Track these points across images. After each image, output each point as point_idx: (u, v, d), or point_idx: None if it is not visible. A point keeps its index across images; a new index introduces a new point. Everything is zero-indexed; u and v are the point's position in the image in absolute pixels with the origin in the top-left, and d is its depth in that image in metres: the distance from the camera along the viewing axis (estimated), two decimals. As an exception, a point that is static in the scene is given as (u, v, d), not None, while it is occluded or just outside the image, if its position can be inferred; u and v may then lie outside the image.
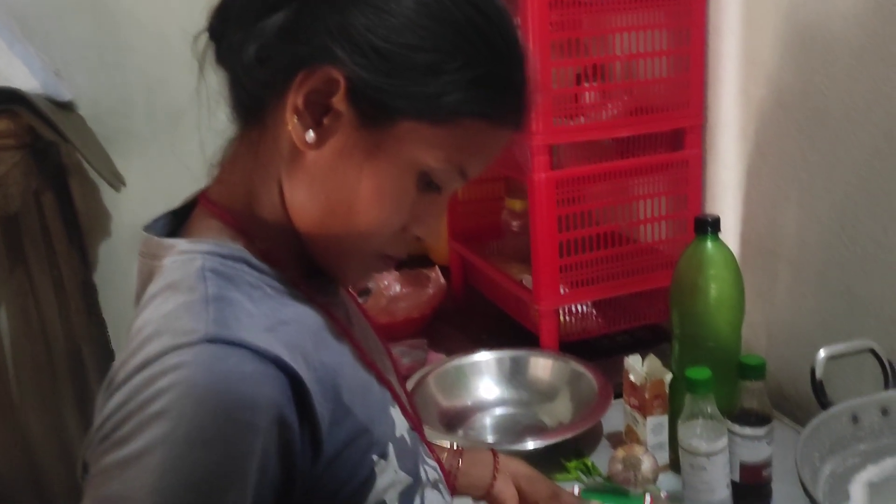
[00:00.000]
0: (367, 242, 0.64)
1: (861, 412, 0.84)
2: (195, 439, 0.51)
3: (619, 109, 1.36)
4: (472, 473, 0.87)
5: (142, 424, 0.51)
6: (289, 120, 0.60)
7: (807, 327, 1.24)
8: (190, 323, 0.55)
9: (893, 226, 1.06)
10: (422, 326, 1.59)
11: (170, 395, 0.51)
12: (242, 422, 0.52)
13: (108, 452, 0.52)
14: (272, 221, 0.65)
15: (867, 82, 1.06)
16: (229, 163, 0.66)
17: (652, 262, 1.42)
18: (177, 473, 0.50)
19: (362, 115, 0.59)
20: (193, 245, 0.62)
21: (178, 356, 0.53)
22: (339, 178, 0.61)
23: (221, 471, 0.52)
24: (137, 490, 0.50)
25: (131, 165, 1.76)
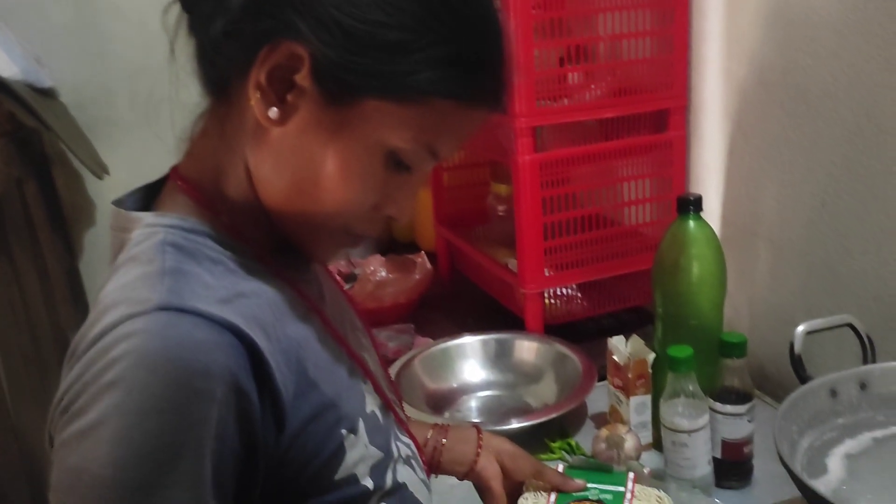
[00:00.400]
0: (335, 220, 0.63)
1: (839, 386, 0.85)
2: (148, 408, 0.51)
3: (603, 90, 1.35)
4: (456, 450, 0.87)
5: (96, 395, 0.51)
6: (251, 96, 0.59)
7: (788, 306, 1.24)
8: (145, 293, 0.55)
9: (873, 202, 1.06)
10: (409, 312, 1.59)
11: (122, 365, 0.51)
12: (196, 389, 0.52)
13: (67, 425, 0.52)
14: (239, 197, 0.64)
15: (848, 59, 1.06)
16: (199, 137, 0.66)
17: (636, 245, 1.43)
18: (129, 444, 0.50)
19: (327, 93, 0.58)
20: (158, 219, 0.62)
21: (130, 325, 0.53)
22: (305, 155, 0.60)
23: (176, 439, 0.51)
24: (92, 462, 0.50)
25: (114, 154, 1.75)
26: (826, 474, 0.78)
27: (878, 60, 1.02)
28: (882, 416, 0.85)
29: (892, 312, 1.06)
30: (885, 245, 1.06)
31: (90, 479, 0.50)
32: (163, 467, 0.51)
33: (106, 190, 1.78)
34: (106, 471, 0.50)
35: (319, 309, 0.69)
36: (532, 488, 0.88)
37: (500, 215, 1.62)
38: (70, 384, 0.53)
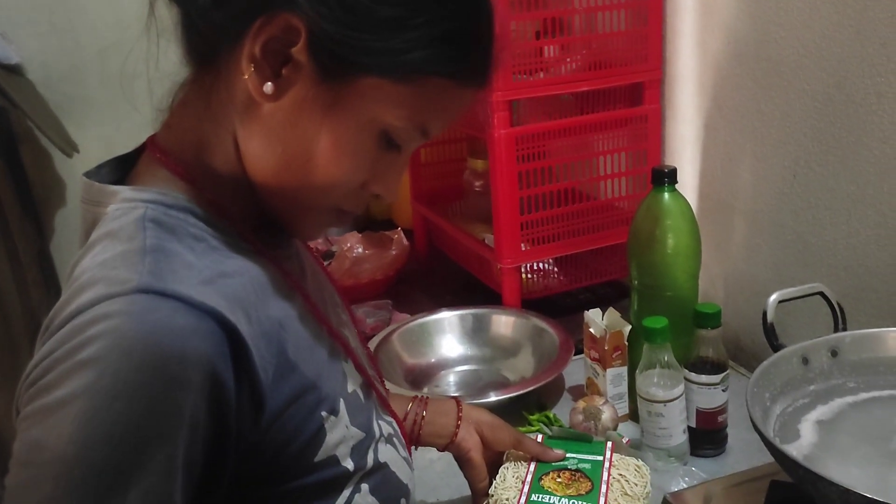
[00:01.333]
0: (323, 197, 0.63)
1: (811, 354, 0.86)
2: (119, 392, 0.50)
3: (579, 64, 1.35)
4: (436, 422, 0.87)
5: (68, 372, 0.50)
6: (245, 69, 0.57)
7: (762, 277, 1.26)
8: (125, 273, 0.54)
9: (844, 172, 1.07)
10: (386, 288, 1.59)
11: (97, 345, 0.50)
12: (171, 376, 0.51)
13: (34, 398, 0.51)
14: (223, 171, 0.63)
15: (819, 30, 1.07)
16: (179, 108, 0.64)
17: (612, 219, 1.43)
18: (95, 425, 0.49)
19: (323, 69, 0.57)
20: (137, 193, 0.60)
21: (109, 305, 0.52)
22: (298, 131, 0.59)
23: (144, 425, 0.50)
24: (55, 438, 0.49)
25: (84, 131, 1.72)
26: (798, 440, 0.79)
27: (849, 31, 1.02)
28: (853, 383, 0.86)
29: (862, 281, 1.07)
30: (854, 215, 1.07)
31: (50, 454, 0.49)
32: (129, 452, 0.50)
33: (76, 169, 1.75)
34: (68, 448, 0.49)
35: (301, 286, 0.68)
36: (512, 458, 0.89)
37: (476, 191, 1.61)
38: (41, 358, 0.52)
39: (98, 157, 0.69)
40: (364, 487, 0.67)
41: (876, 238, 1.05)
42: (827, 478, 0.64)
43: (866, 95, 1.02)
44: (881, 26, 0.98)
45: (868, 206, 1.05)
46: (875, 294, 1.06)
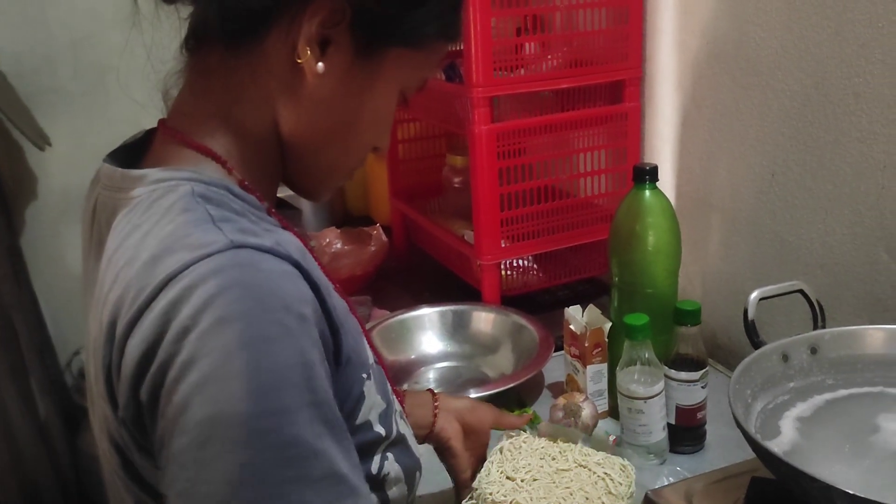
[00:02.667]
0: (351, 159, 0.69)
1: (791, 351, 0.87)
2: (269, 335, 0.50)
3: (559, 61, 1.35)
4: (414, 414, 0.88)
5: (204, 337, 0.50)
6: (301, 53, 0.60)
7: (740, 275, 1.27)
8: (205, 236, 0.54)
9: (821, 172, 1.09)
10: (365, 284, 1.58)
11: (224, 299, 0.50)
12: (298, 313, 0.53)
13: (177, 383, 0.50)
14: (253, 152, 0.65)
15: (799, 31, 1.08)
16: (199, 94, 0.65)
17: (592, 216, 1.44)
18: (262, 373, 0.49)
19: (358, 45, 0.62)
20: (170, 173, 0.61)
21: (208, 264, 0.52)
22: (342, 104, 0.64)
23: (301, 360, 0.51)
24: (226, 402, 0.48)
25: (57, 125, 1.69)
26: (779, 436, 0.80)
27: (827, 32, 1.04)
28: (832, 380, 0.87)
29: (838, 280, 1.09)
30: (831, 214, 1.09)
31: (227, 420, 0.48)
32: (300, 387, 0.51)
33: (49, 162, 1.72)
34: (242, 406, 0.48)
35: (320, 262, 0.69)
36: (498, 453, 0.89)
37: (455, 187, 1.61)
38: (153, 342, 0.51)
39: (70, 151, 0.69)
40: (390, 455, 0.68)
41: (852, 237, 1.06)
42: (809, 474, 0.65)
43: (844, 96, 1.03)
44: (859, 27, 0.99)
45: (844, 205, 1.06)
46: (850, 292, 1.07)
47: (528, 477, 0.84)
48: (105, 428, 0.60)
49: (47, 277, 1.74)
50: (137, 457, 0.58)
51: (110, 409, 0.57)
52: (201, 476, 0.49)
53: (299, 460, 0.50)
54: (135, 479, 0.60)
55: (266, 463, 0.49)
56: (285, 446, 0.49)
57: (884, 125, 0.99)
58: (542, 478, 0.84)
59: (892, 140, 0.98)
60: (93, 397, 0.63)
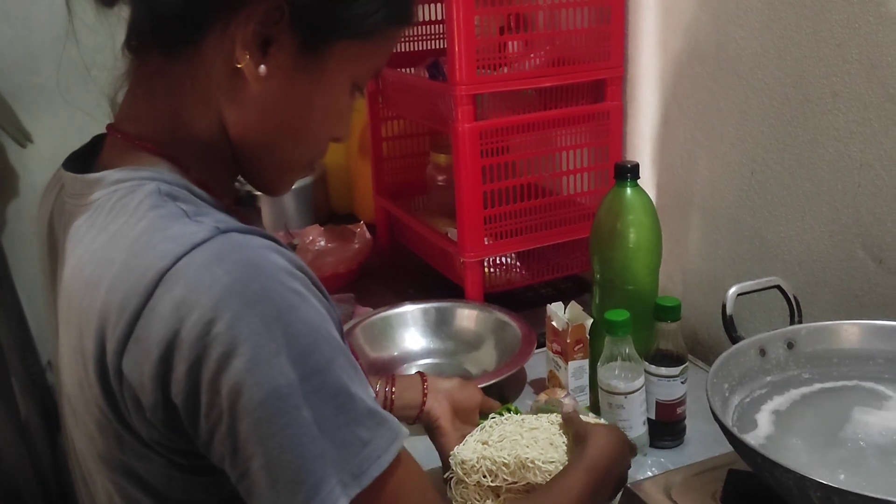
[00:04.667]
0: (305, 154, 0.68)
1: (768, 345, 0.88)
2: (293, 303, 0.54)
3: (542, 60, 1.36)
4: (404, 397, 0.91)
5: (234, 326, 0.52)
6: (239, 56, 0.59)
7: (719, 272, 1.28)
8: (185, 229, 0.55)
9: (799, 170, 1.10)
10: (348, 282, 1.59)
11: (238, 285, 0.53)
12: (301, 277, 0.56)
13: (220, 374, 0.52)
14: (206, 152, 0.64)
15: (779, 30, 1.09)
16: (144, 98, 0.64)
17: (574, 214, 1.45)
18: (300, 340, 0.54)
19: (302, 41, 0.61)
20: (130, 173, 0.60)
21: (204, 252, 0.54)
22: (289, 102, 0.63)
23: (319, 318, 0.56)
24: (277, 378, 0.52)
25: (39, 122, 1.68)
26: (756, 429, 0.81)
27: (806, 32, 1.05)
28: (807, 374, 0.88)
29: (815, 276, 1.10)
30: (809, 212, 1.10)
31: (282, 392, 0.52)
32: (325, 344, 0.55)
33: (31, 159, 1.71)
34: (292, 375, 0.53)
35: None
36: None
37: (439, 185, 1.62)
38: (169, 340, 0.53)
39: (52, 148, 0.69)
40: None
41: (829, 234, 1.08)
42: (784, 465, 0.66)
43: (822, 95, 1.05)
44: (837, 27, 1.01)
45: (822, 202, 1.08)
46: (827, 288, 1.09)
47: (500, 440, 0.86)
48: (99, 435, 0.60)
49: (29, 276, 1.73)
50: (139, 456, 0.59)
51: (111, 415, 0.57)
52: (276, 446, 0.53)
53: (346, 405, 0.55)
54: (131, 480, 0.61)
55: (324, 416, 0.54)
56: (333, 396, 0.55)
57: (860, 124, 1.01)
58: (513, 437, 0.86)
59: (869, 139, 1.00)
60: (73, 406, 0.63)
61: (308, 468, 0.53)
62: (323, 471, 0.54)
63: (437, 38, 1.69)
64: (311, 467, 0.54)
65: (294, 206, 1.83)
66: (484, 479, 0.82)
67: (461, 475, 0.84)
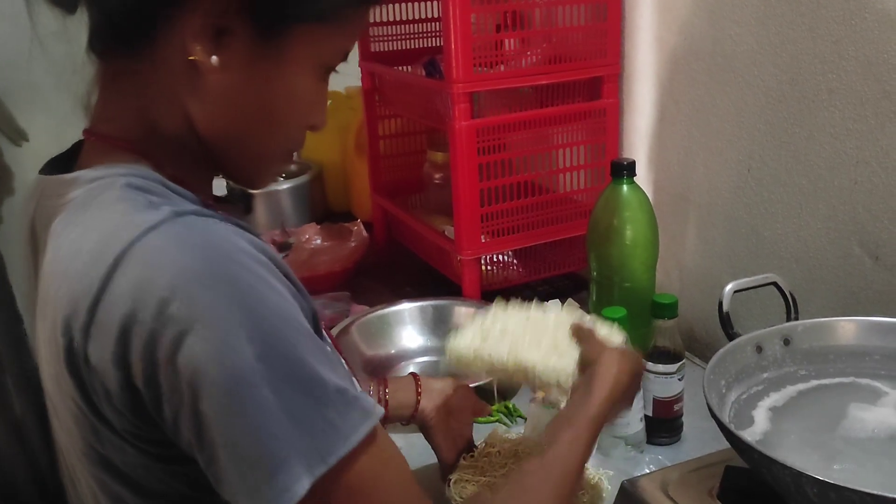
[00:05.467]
0: (278, 143, 0.67)
1: (765, 342, 0.88)
2: (248, 285, 0.53)
3: (539, 57, 1.36)
4: (398, 398, 0.91)
5: (190, 306, 0.51)
6: (191, 48, 0.58)
7: (716, 269, 1.28)
8: (145, 215, 0.55)
9: (796, 167, 1.10)
10: (344, 280, 1.58)
11: (194, 264, 0.52)
12: (262, 260, 0.55)
13: (175, 355, 0.52)
14: (178, 149, 0.64)
15: (774, 27, 1.09)
16: (113, 99, 0.64)
17: (570, 211, 1.45)
18: (260, 321, 0.52)
19: (257, 29, 0.59)
20: (104, 171, 0.60)
21: (159, 236, 0.54)
22: (251, 92, 0.62)
23: (281, 300, 0.55)
24: (238, 358, 0.51)
25: (34, 120, 1.68)
26: (752, 426, 0.81)
27: (802, 28, 1.05)
28: (804, 371, 0.88)
29: (812, 273, 1.10)
30: (805, 209, 1.10)
31: (243, 373, 0.51)
32: (288, 327, 0.54)
33: (24, 157, 1.71)
34: (252, 356, 0.51)
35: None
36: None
37: (436, 183, 1.62)
38: (126, 322, 0.52)
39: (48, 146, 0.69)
40: None
41: (826, 231, 1.08)
42: (780, 461, 0.66)
43: (818, 91, 1.05)
44: (833, 24, 1.01)
45: (819, 199, 1.08)
46: (824, 285, 1.09)
47: (501, 335, 0.81)
48: (76, 428, 0.60)
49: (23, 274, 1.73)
50: (115, 447, 0.58)
51: (85, 407, 0.57)
52: (237, 428, 0.52)
53: (310, 386, 0.54)
54: (110, 473, 0.60)
55: (287, 397, 0.52)
56: (297, 377, 0.53)
57: (856, 121, 1.01)
58: (515, 333, 0.81)
59: (865, 136, 1.00)
60: (53, 402, 0.64)
61: (270, 449, 0.52)
62: (286, 451, 0.52)
63: (434, 36, 1.68)
64: (273, 448, 0.52)
65: (291, 205, 1.83)
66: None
67: (457, 367, 0.82)
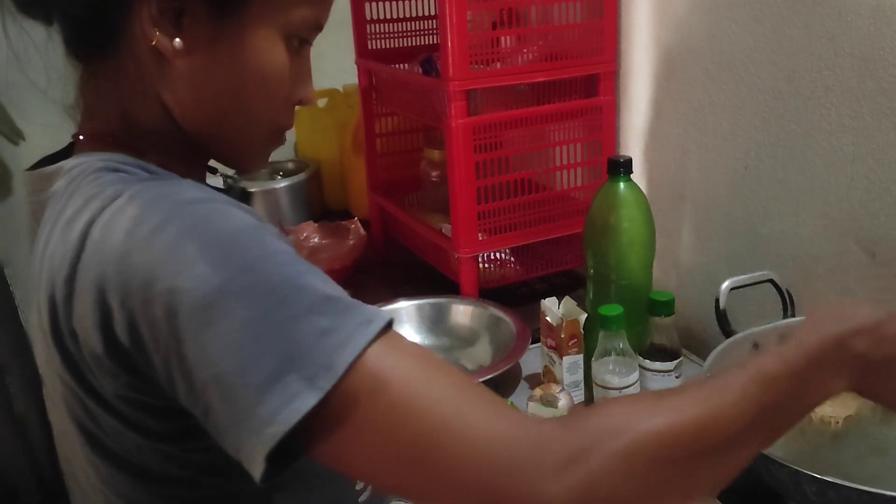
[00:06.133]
0: (261, 122, 0.66)
1: (761, 339, 0.89)
2: (202, 216, 0.53)
3: (535, 55, 1.36)
4: None
5: (148, 251, 0.52)
6: (150, 34, 0.59)
7: (713, 266, 1.29)
8: (120, 185, 0.56)
9: (792, 164, 1.10)
10: (343, 278, 1.58)
11: (149, 214, 0.53)
12: (234, 203, 0.55)
13: (150, 301, 0.51)
14: (162, 141, 0.65)
15: (770, 25, 1.09)
16: (94, 100, 0.65)
17: (567, 209, 1.45)
18: (215, 244, 0.52)
19: (215, 5, 0.59)
20: (84, 159, 0.61)
21: (122, 199, 0.54)
22: (220, 72, 0.62)
23: (244, 224, 0.54)
24: (203, 284, 0.50)
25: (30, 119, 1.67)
26: (749, 423, 0.81)
27: (798, 26, 1.05)
28: (800, 368, 0.88)
29: (809, 270, 1.11)
30: (802, 206, 1.10)
31: (211, 298, 0.50)
32: (252, 244, 0.53)
33: (22, 157, 1.70)
34: (216, 279, 0.50)
35: None
36: None
37: (433, 181, 1.62)
38: (98, 283, 0.53)
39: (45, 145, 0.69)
40: None
41: (822, 228, 1.08)
42: (778, 460, 0.66)
43: (814, 89, 1.05)
44: (829, 21, 1.01)
45: (815, 197, 1.08)
46: (820, 281, 1.09)
47: None
48: (67, 412, 0.61)
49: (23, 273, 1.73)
50: (110, 426, 0.58)
51: (76, 385, 0.57)
52: (218, 355, 0.49)
53: (291, 296, 0.51)
54: (105, 457, 0.60)
55: (264, 311, 0.50)
56: (272, 290, 0.51)
57: (852, 118, 1.01)
58: None
59: (861, 133, 1.00)
60: (47, 387, 0.65)
61: (255, 369, 0.49)
62: (274, 365, 0.49)
63: (431, 34, 1.68)
64: (258, 367, 0.49)
65: (288, 203, 1.83)
66: None
67: None
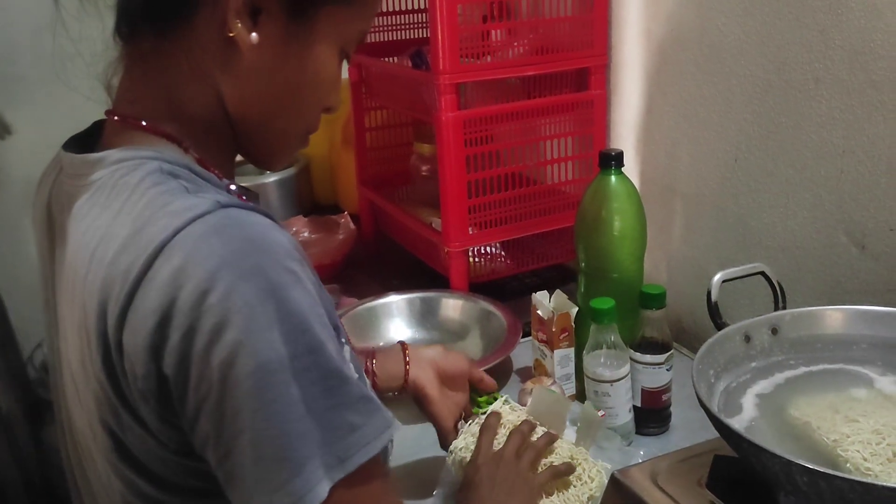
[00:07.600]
0: (300, 124, 0.69)
1: (753, 332, 0.89)
2: (283, 283, 0.54)
3: (526, 48, 1.36)
4: (387, 368, 0.91)
5: (228, 298, 0.52)
6: (231, 25, 0.60)
7: (703, 259, 1.29)
8: (187, 202, 0.56)
9: (783, 156, 1.10)
10: (333, 273, 1.58)
11: (234, 258, 0.53)
12: (297, 259, 0.56)
13: (213, 345, 0.52)
14: (205, 130, 0.65)
15: (761, 17, 1.09)
16: (139, 81, 0.65)
17: (558, 203, 1.45)
18: (292, 316, 0.54)
19: (290, 9, 0.62)
20: (132, 152, 0.61)
21: (202, 225, 0.54)
22: (283, 72, 0.64)
23: (312, 301, 0.56)
24: (269, 350, 0.52)
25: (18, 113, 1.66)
26: (740, 414, 0.81)
27: (788, 18, 1.05)
28: (792, 360, 0.89)
29: (799, 262, 1.11)
30: (792, 198, 1.11)
31: (273, 366, 0.52)
32: (317, 326, 0.55)
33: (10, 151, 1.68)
34: (283, 350, 0.53)
35: None
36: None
37: (423, 175, 1.61)
38: (165, 310, 0.53)
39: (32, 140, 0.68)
40: None
41: (812, 220, 1.08)
42: (769, 450, 0.66)
43: (805, 81, 1.05)
44: (819, 13, 1.01)
45: (805, 189, 1.08)
46: (811, 274, 1.09)
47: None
48: (97, 412, 0.60)
49: (9, 269, 1.71)
50: (135, 435, 0.59)
51: (111, 391, 0.57)
52: (262, 421, 0.53)
53: (337, 388, 0.55)
54: (127, 461, 0.61)
55: (313, 396, 0.54)
56: (324, 377, 0.55)
57: (842, 111, 1.01)
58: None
59: (851, 125, 1.00)
60: (76, 383, 0.63)
61: (293, 446, 0.53)
62: (308, 450, 0.53)
63: (420, 27, 1.68)
64: (296, 445, 0.53)
65: (278, 197, 1.82)
66: None
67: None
